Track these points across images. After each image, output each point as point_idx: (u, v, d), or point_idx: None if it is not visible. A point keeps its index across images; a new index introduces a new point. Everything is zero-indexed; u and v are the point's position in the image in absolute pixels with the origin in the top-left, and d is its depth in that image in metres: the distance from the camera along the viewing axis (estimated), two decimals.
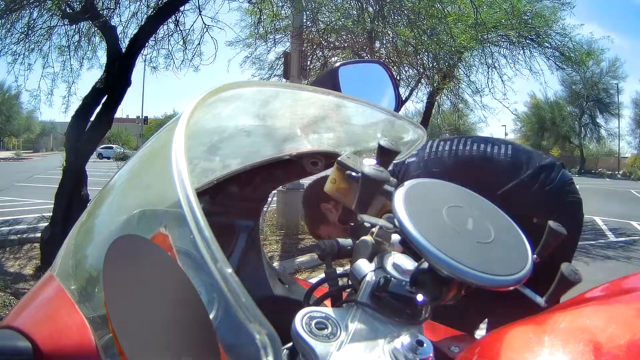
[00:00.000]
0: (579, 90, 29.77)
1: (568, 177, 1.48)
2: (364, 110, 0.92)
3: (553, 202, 1.42)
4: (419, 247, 0.52)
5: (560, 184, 1.44)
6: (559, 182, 1.44)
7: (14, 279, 4.05)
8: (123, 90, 4.61)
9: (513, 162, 1.46)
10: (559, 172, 1.46)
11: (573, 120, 33.28)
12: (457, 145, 1.53)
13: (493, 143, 1.53)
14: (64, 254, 0.78)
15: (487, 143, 1.53)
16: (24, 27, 5.15)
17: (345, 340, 0.51)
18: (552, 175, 1.44)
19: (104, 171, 6.84)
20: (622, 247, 6.80)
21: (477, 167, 1.48)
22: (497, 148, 1.50)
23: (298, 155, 0.96)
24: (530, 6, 8.27)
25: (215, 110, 0.72)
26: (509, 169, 1.45)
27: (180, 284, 0.49)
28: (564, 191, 1.45)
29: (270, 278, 0.99)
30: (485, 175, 1.43)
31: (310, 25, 7.17)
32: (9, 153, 35.28)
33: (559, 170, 1.46)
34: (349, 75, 1.17)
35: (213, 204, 0.97)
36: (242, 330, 0.42)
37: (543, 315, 0.54)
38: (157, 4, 5.09)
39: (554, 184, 1.43)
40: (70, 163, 4.46)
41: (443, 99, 10.20)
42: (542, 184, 1.42)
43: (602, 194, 16.63)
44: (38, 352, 0.63)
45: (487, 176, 1.43)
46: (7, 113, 35.66)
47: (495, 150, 1.50)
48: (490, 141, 1.54)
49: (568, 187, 1.46)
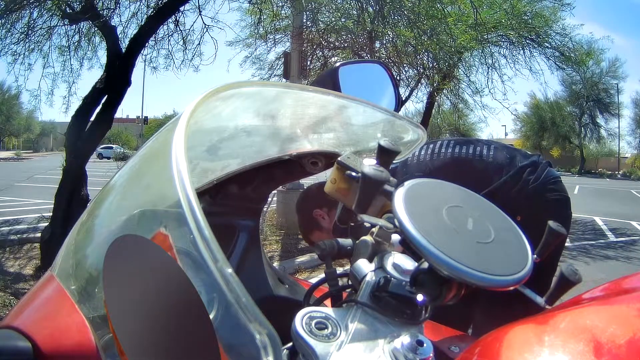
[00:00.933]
0: (579, 90, 29.75)
1: (553, 175, 1.47)
2: (364, 110, 0.92)
3: (535, 201, 1.42)
4: (419, 247, 0.52)
5: (544, 183, 1.44)
6: (543, 180, 1.43)
7: (14, 279, 4.05)
8: (123, 90, 4.60)
9: (495, 162, 1.46)
10: (543, 170, 1.45)
11: (573, 120, 33.26)
12: (439, 148, 1.52)
13: (475, 144, 1.52)
14: (64, 254, 0.78)
15: (468, 144, 1.52)
16: (24, 27, 5.15)
17: (345, 340, 0.51)
18: (535, 174, 1.44)
19: (104, 171, 6.84)
20: (622, 247, 6.80)
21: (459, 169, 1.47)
22: (478, 149, 1.49)
23: (298, 155, 0.96)
24: (530, 6, 8.27)
25: (215, 110, 0.72)
26: (491, 169, 1.45)
27: (180, 284, 0.49)
28: (547, 189, 1.44)
29: (270, 278, 0.99)
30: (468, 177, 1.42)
31: (310, 25, 7.17)
32: (9, 153, 35.27)
33: (544, 169, 1.46)
34: (349, 75, 1.17)
35: (213, 204, 0.97)
36: (242, 330, 0.42)
37: (543, 315, 0.54)
38: (157, 4, 5.09)
39: (537, 182, 1.43)
40: (70, 163, 4.45)
41: (443, 99, 10.21)
42: (524, 183, 1.42)
43: (602, 194, 16.63)
44: (38, 352, 0.63)
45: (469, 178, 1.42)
46: (7, 113, 35.68)
47: (477, 151, 1.49)
48: (472, 142, 1.54)
49: (552, 185, 1.46)
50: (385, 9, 5.82)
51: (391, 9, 5.95)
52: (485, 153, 1.48)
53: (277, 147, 0.97)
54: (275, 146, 0.98)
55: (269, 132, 0.95)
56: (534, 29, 8.35)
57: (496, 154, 1.49)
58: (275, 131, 0.95)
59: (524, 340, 0.48)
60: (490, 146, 1.52)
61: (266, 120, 0.90)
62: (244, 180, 0.98)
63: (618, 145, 36.55)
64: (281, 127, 0.95)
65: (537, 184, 1.42)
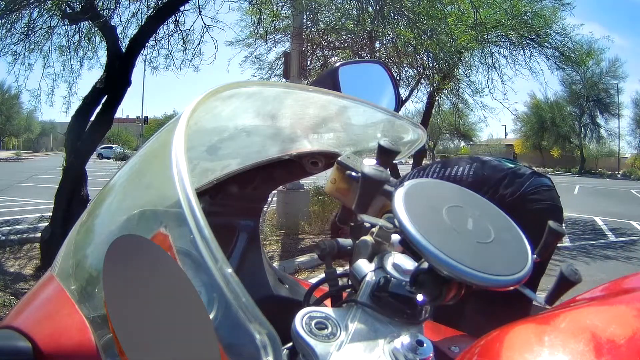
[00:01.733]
0: (579, 90, 29.73)
1: (537, 184, 1.48)
2: (364, 110, 0.92)
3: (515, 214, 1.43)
4: (419, 247, 0.52)
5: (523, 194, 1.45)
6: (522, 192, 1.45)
7: (14, 279, 4.05)
8: (123, 90, 4.60)
9: (474, 181, 1.49)
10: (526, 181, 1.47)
11: (573, 120, 33.25)
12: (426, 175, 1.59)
13: (456, 165, 1.58)
14: (64, 254, 0.78)
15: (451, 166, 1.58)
16: (24, 27, 5.15)
17: (345, 340, 0.51)
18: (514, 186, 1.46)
19: (104, 171, 6.84)
20: (622, 247, 6.79)
21: None
22: (460, 169, 1.55)
23: (298, 155, 0.96)
24: (530, 6, 8.26)
25: (215, 111, 0.72)
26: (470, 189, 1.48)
27: (180, 284, 0.49)
28: (527, 200, 1.45)
29: (270, 278, 0.99)
30: None
31: (310, 25, 7.17)
32: (9, 153, 35.24)
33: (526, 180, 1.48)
34: (349, 75, 1.17)
35: (213, 204, 0.97)
36: (242, 330, 0.42)
37: (543, 315, 0.54)
38: (157, 4, 5.09)
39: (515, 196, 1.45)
40: (70, 163, 4.45)
41: (443, 99, 10.19)
42: (500, 198, 1.44)
43: (602, 194, 16.63)
44: (38, 352, 0.63)
45: None
46: (7, 113, 35.67)
47: (460, 171, 1.54)
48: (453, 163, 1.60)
49: (534, 195, 1.47)
50: (385, 9, 5.82)
51: (391, 9, 5.95)
52: (466, 172, 1.53)
53: (277, 147, 0.98)
54: (275, 146, 0.98)
55: (269, 132, 0.95)
56: (534, 29, 8.34)
57: (476, 171, 1.52)
58: (275, 131, 0.95)
59: (524, 340, 0.48)
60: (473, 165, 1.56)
61: (266, 120, 0.90)
62: (244, 180, 0.98)
63: (618, 145, 36.59)
64: (281, 127, 0.95)
65: (514, 197, 1.44)
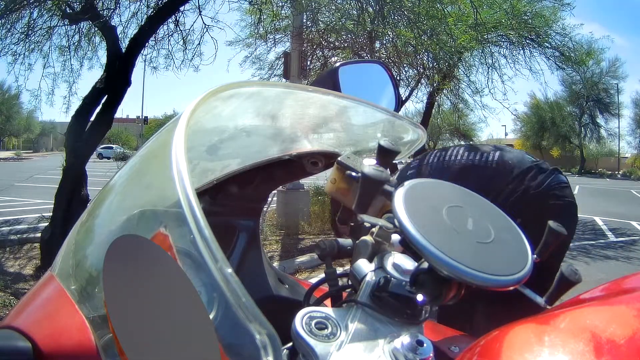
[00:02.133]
0: (579, 90, 29.73)
1: (559, 181, 1.50)
2: (364, 110, 0.92)
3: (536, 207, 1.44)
4: (418, 247, 0.52)
5: (547, 189, 1.46)
6: (547, 186, 1.46)
7: (14, 279, 4.05)
8: (123, 90, 4.60)
9: (499, 168, 1.49)
10: (549, 176, 1.48)
11: (573, 120, 33.24)
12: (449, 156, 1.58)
13: (482, 151, 1.57)
14: (64, 254, 0.78)
15: (476, 151, 1.57)
16: (24, 27, 5.15)
17: (345, 340, 0.51)
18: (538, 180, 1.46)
19: (104, 171, 6.84)
20: (622, 247, 6.79)
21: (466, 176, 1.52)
22: (485, 155, 1.54)
23: (298, 155, 0.96)
24: (530, 6, 8.26)
25: (215, 111, 0.72)
26: (495, 175, 1.49)
27: (180, 284, 0.49)
28: (549, 195, 1.46)
29: (270, 278, 0.99)
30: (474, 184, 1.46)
31: (310, 26, 7.16)
32: (9, 153, 35.25)
33: (549, 175, 1.48)
34: (349, 75, 1.17)
35: (213, 204, 0.97)
36: (242, 330, 0.42)
37: (543, 315, 0.54)
38: (157, 4, 5.09)
39: (540, 188, 1.45)
40: (70, 163, 4.45)
41: (443, 99, 10.18)
42: (525, 189, 1.44)
43: (602, 194, 16.62)
44: (38, 352, 0.63)
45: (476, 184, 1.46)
46: (7, 113, 35.65)
47: (484, 157, 1.54)
48: (479, 148, 1.59)
49: (556, 191, 1.48)
50: (385, 9, 5.81)
51: (391, 9, 5.95)
52: (491, 159, 1.52)
53: (277, 147, 0.97)
54: (275, 146, 0.98)
55: (269, 132, 0.95)
56: (534, 29, 8.34)
57: (501, 159, 1.52)
58: (275, 131, 0.95)
59: (524, 340, 0.48)
60: (496, 152, 1.55)
61: (266, 120, 0.90)
62: (244, 180, 0.98)
63: (618, 145, 36.58)
64: (281, 127, 0.95)
65: (540, 190, 1.45)
